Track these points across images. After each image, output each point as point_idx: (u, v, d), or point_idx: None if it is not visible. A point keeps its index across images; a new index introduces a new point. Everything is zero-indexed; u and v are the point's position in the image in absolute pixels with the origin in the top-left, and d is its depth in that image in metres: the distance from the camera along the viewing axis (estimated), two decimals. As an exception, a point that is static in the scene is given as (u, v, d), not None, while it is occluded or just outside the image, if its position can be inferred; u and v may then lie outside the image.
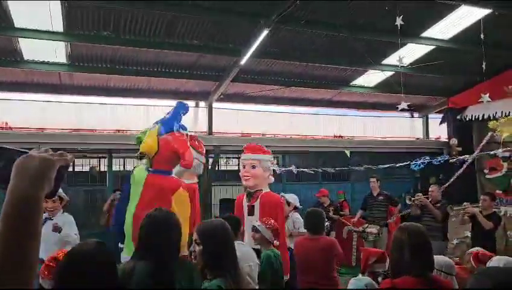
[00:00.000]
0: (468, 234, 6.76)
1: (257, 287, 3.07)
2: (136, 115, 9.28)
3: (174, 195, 3.49)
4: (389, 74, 9.15)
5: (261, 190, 4.52)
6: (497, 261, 3.09)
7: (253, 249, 3.44)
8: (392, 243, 2.31)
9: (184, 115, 3.79)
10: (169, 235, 2.25)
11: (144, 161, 3.93)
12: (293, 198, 6.03)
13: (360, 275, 3.20)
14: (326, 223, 5.87)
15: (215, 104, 9.81)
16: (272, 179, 4.71)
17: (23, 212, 0.85)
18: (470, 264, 3.45)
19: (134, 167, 3.94)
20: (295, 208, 5.93)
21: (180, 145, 3.61)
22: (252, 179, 4.55)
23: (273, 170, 5.37)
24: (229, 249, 2.24)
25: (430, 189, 6.91)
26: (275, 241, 3.62)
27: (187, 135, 3.78)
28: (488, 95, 6.67)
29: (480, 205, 6.28)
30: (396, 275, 2.17)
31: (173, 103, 10.20)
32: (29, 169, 0.89)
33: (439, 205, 6.66)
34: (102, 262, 1.78)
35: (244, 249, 3.12)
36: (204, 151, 4.88)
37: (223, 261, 2.18)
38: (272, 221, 3.67)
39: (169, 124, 3.68)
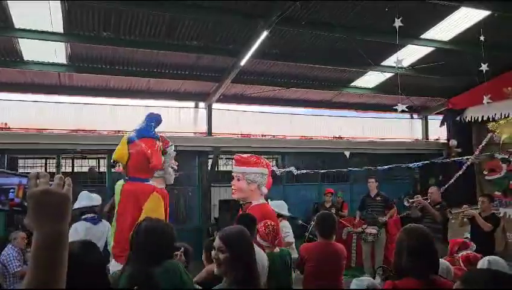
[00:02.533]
0: (468, 235, 6.76)
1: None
2: (135, 115, 9.27)
3: (148, 200, 3.57)
4: (388, 75, 9.16)
5: (251, 203, 4.48)
6: (482, 262, 3.12)
7: None
8: (396, 244, 2.32)
9: (157, 125, 4.00)
10: (153, 242, 2.38)
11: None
12: (279, 206, 5.50)
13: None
14: None
15: (214, 105, 9.81)
16: (265, 190, 4.59)
17: (53, 246, 0.96)
18: (459, 265, 3.49)
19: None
20: (281, 216, 5.35)
21: (148, 147, 3.79)
22: (237, 192, 4.60)
23: (273, 171, 5.30)
24: (253, 255, 2.27)
25: (429, 191, 6.94)
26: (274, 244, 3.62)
27: (158, 141, 3.92)
28: (489, 96, 6.69)
29: (478, 206, 6.30)
30: (399, 276, 2.18)
31: (172, 103, 10.24)
32: (50, 207, 0.98)
33: (438, 206, 6.66)
34: (88, 262, 1.79)
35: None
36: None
37: (247, 268, 2.19)
38: (266, 229, 3.62)
39: (141, 131, 3.86)
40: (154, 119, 4.07)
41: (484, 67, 6.39)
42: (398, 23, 5.43)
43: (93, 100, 9.24)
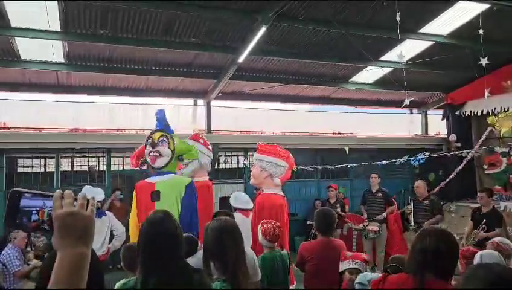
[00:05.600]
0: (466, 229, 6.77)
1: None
2: (134, 114, 9.27)
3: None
4: (387, 70, 9.14)
5: (263, 190, 4.60)
6: (479, 256, 3.13)
7: None
8: None
9: None
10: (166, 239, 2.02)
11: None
12: (235, 198, 5.09)
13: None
14: None
15: (213, 102, 9.80)
16: (277, 181, 4.65)
17: (76, 267, 0.98)
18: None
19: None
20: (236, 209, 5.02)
21: None
22: (252, 178, 4.83)
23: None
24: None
25: (415, 185, 6.93)
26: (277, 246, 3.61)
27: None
28: (489, 89, 6.69)
29: (478, 202, 6.29)
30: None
31: (171, 101, 10.20)
32: (75, 229, 1.00)
33: (427, 201, 6.65)
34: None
35: None
36: (210, 147, 5.08)
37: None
38: (271, 225, 3.60)
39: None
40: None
41: (484, 61, 6.37)
42: (398, 17, 5.41)
43: (92, 99, 9.23)
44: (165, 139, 3.98)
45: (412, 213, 6.76)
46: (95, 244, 4.64)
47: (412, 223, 6.78)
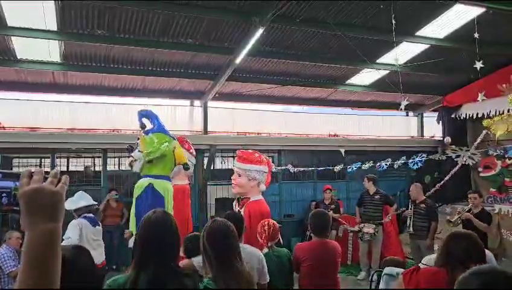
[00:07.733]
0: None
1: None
2: (130, 114, 9.23)
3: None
4: (384, 72, 9.17)
5: (249, 198, 4.67)
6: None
7: None
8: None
9: None
10: (167, 239, 2.08)
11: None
12: None
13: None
14: None
15: (210, 103, 9.79)
16: (263, 187, 4.79)
17: (49, 243, 0.93)
18: None
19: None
20: None
21: None
22: (237, 187, 4.87)
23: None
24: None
25: (410, 189, 6.99)
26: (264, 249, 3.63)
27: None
28: (483, 93, 6.70)
29: (470, 202, 6.34)
30: None
31: (168, 102, 10.18)
32: (42, 205, 0.95)
33: (423, 205, 6.67)
34: (80, 267, 1.77)
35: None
36: (194, 153, 5.13)
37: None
38: (262, 228, 3.67)
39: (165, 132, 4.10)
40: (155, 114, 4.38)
41: (478, 64, 6.39)
42: (393, 20, 5.43)
43: (88, 99, 9.20)
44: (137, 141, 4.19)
45: (412, 218, 6.76)
46: (98, 255, 4.54)
47: (411, 230, 6.76)
